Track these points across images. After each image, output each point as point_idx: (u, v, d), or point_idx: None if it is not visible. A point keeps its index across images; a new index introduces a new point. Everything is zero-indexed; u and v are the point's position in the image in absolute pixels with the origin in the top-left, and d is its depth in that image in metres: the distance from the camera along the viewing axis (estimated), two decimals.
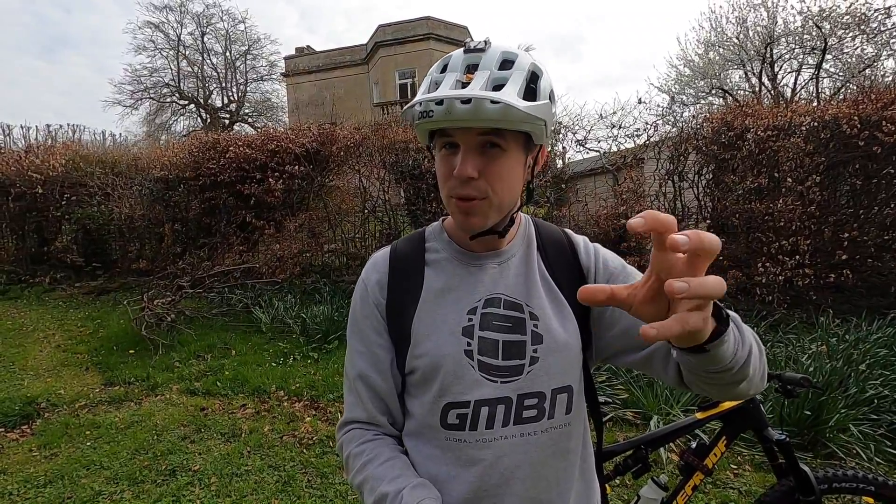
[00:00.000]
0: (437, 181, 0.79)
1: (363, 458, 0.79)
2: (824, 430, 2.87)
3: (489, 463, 0.76)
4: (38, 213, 8.41)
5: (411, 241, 0.89)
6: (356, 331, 0.85)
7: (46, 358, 4.88)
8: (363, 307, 0.85)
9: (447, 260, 0.84)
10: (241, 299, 6.10)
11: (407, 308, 0.81)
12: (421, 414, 0.81)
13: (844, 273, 4.83)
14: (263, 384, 3.94)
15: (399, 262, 0.85)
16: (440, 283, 0.82)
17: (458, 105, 0.65)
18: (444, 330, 0.79)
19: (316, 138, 6.99)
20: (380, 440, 0.82)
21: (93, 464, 2.90)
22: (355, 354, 0.85)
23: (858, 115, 4.87)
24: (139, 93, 25.13)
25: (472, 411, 0.77)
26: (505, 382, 0.77)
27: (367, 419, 0.84)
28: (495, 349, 0.78)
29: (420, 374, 0.80)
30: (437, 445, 0.79)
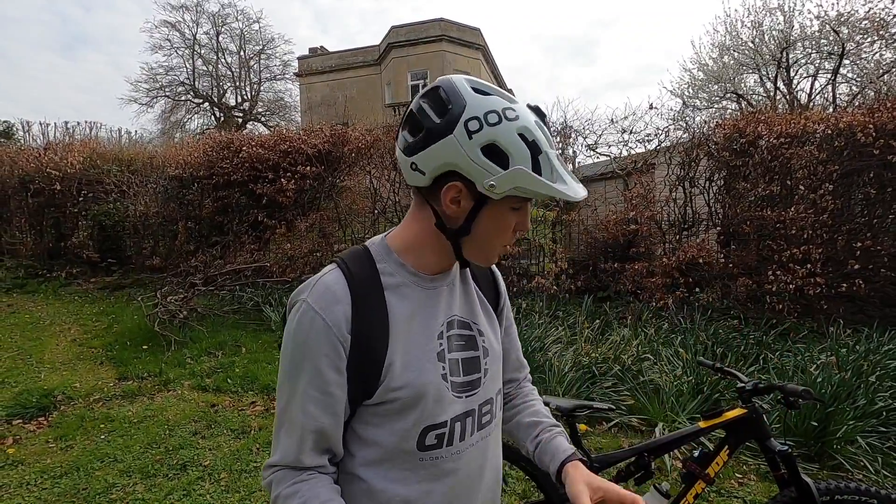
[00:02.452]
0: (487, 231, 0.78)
1: (296, 500, 0.73)
2: (831, 441, 2.86)
3: (462, 471, 0.82)
4: (55, 209, 8.59)
5: (361, 264, 0.80)
6: (309, 371, 0.74)
7: (63, 351, 5.00)
8: (322, 344, 0.74)
9: (405, 285, 0.81)
10: (251, 298, 6.18)
11: (377, 341, 0.76)
12: (392, 442, 0.78)
13: (857, 283, 4.79)
14: (273, 382, 4.00)
15: (359, 289, 0.77)
16: (406, 311, 0.79)
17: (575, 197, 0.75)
18: (422, 358, 0.79)
19: (328, 139, 7.07)
20: (314, 480, 0.76)
21: (107, 456, 2.98)
22: (307, 400, 0.74)
23: (874, 124, 4.82)
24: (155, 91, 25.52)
25: (449, 429, 0.80)
26: (469, 396, 0.84)
27: (301, 464, 0.76)
28: (458, 368, 0.83)
29: (398, 404, 0.77)
30: (408, 468, 0.79)
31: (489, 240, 0.79)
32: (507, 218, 0.78)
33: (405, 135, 0.76)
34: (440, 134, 0.71)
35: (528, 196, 0.74)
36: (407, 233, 0.83)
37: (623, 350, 3.90)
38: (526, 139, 0.71)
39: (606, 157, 6.64)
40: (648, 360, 3.80)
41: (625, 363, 3.73)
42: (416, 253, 0.82)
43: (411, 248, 0.82)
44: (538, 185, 0.71)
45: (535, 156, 0.72)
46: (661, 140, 6.17)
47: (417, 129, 0.74)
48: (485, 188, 0.72)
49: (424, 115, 0.73)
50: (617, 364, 3.69)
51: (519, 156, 0.71)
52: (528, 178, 0.71)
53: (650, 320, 4.90)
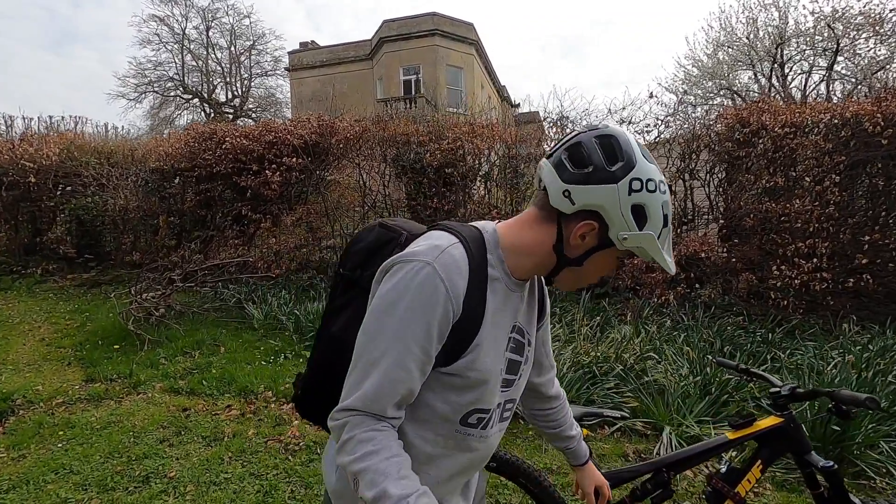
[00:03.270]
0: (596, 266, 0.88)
1: (368, 447, 0.77)
2: (851, 447, 2.66)
3: (480, 450, 0.94)
4: (31, 202, 8.23)
5: (478, 248, 0.85)
6: (420, 332, 0.77)
7: (29, 351, 4.69)
8: (439, 309, 0.77)
9: (499, 280, 0.86)
10: (234, 294, 5.90)
11: (474, 322, 0.82)
12: (442, 410, 0.86)
13: (864, 278, 4.61)
14: (251, 384, 3.73)
15: (475, 273, 0.82)
16: (496, 305, 0.86)
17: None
18: (497, 350, 0.88)
19: (315, 130, 6.78)
20: (388, 432, 0.79)
21: (62, 467, 2.70)
22: (409, 357, 0.77)
23: (882, 113, 4.64)
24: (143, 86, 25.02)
25: (489, 415, 0.91)
26: (504, 391, 0.93)
27: (379, 412, 0.79)
28: (506, 364, 0.92)
29: (467, 381, 0.84)
30: (443, 434, 0.88)
31: (588, 276, 0.89)
32: (612, 263, 0.89)
33: (565, 160, 0.82)
34: (606, 180, 0.79)
35: (642, 256, 0.84)
36: (519, 236, 0.88)
37: (625, 348, 3.68)
38: (664, 213, 0.82)
39: None
40: (652, 359, 3.58)
41: (627, 362, 3.51)
42: (518, 256, 0.87)
43: (516, 251, 0.87)
44: (656, 253, 0.83)
45: (663, 228, 0.83)
46: (660, 131, 5.96)
47: (582, 163, 0.81)
48: (617, 237, 0.82)
49: (594, 155, 0.80)
50: (619, 363, 3.47)
51: (655, 224, 0.82)
52: (653, 245, 0.82)
53: (651, 317, 4.69)
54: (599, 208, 0.79)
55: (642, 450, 2.88)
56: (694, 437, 2.87)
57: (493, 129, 6.57)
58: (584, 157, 0.80)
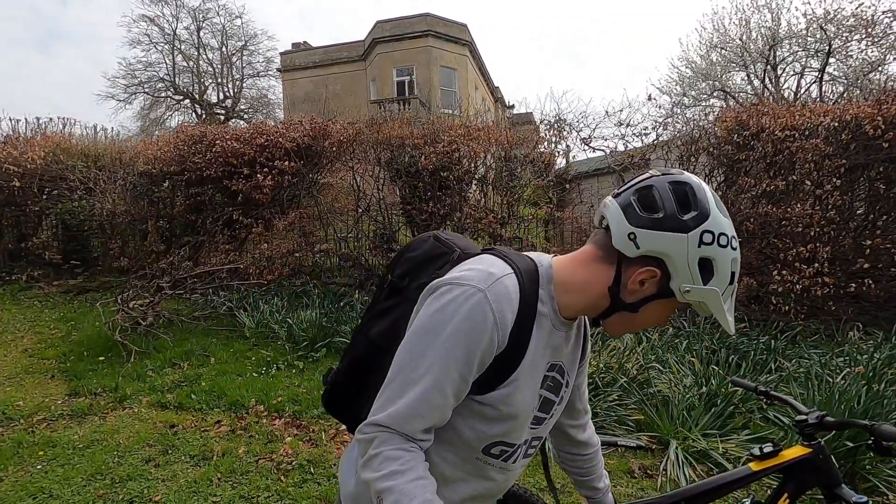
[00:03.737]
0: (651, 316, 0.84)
1: (395, 465, 0.75)
2: (862, 461, 2.58)
3: (497, 482, 0.92)
4: (15, 207, 8.02)
5: (531, 282, 0.83)
6: (462, 358, 0.76)
7: (10, 364, 4.53)
8: (485, 338, 0.76)
9: (547, 319, 0.84)
10: (224, 301, 5.76)
11: (515, 356, 0.81)
12: (467, 436, 0.85)
13: (866, 283, 4.55)
14: (242, 397, 3.60)
15: (524, 307, 0.80)
16: (539, 341, 0.84)
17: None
18: (533, 387, 0.86)
19: (308, 133, 6.65)
20: (416, 453, 0.79)
21: (41, 491, 2.57)
22: (448, 382, 0.76)
23: (882, 116, 4.59)
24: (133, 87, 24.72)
25: (513, 450, 0.89)
26: (532, 428, 0.91)
27: (409, 434, 0.78)
28: (539, 402, 0.90)
29: (496, 414, 0.83)
30: (463, 458, 0.87)
31: (640, 324, 0.86)
32: (667, 312, 0.85)
33: (635, 202, 0.79)
34: (676, 228, 0.77)
35: (701, 311, 0.81)
36: (573, 273, 0.85)
37: (627, 358, 3.59)
38: (732, 271, 0.80)
39: (602, 151, 6.35)
40: (655, 368, 3.49)
41: (630, 373, 3.42)
42: (569, 294, 0.84)
43: (568, 289, 0.84)
44: (717, 311, 0.80)
45: (729, 285, 0.80)
46: (658, 133, 5.90)
47: (651, 208, 0.78)
48: (679, 289, 0.79)
49: (666, 201, 0.78)
50: (622, 374, 3.38)
51: (722, 280, 0.79)
52: (716, 302, 0.79)
53: None
54: (665, 256, 0.77)
55: (648, 465, 2.79)
56: (701, 451, 2.79)
57: (489, 132, 6.48)
58: (655, 202, 0.78)
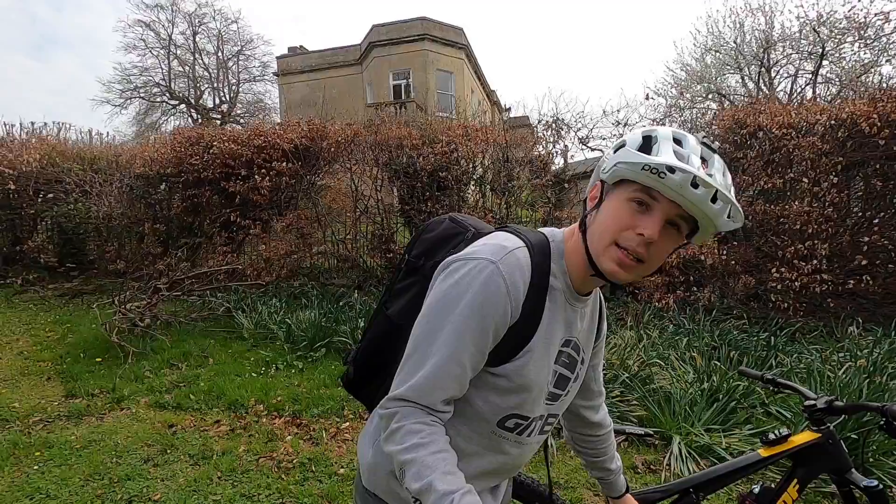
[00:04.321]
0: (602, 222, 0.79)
1: (416, 439, 0.77)
2: (866, 453, 2.57)
3: (512, 456, 0.92)
4: (10, 210, 7.96)
5: (543, 256, 0.84)
6: (477, 329, 0.77)
7: (6, 366, 4.47)
8: (499, 307, 0.77)
9: (559, 292, 0.85)
10: (222, 303, 5.72)
11: (528, 328, 0.82)
12: (483, 408, 0.86)
13: (864, 279, 4.57)
14: (241, 397, 3.57)
15: (536, 279, 0.81)
16: (553, 316, 0.84)
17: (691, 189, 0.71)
18: (546, 361, 0.86)
19: (306, 134, 6.64)
20: (437, 427, 0.80)
21: (38, 492, 2.53)
22: (465, 353, 0.78)
23: (878, 114, 4.63)
24: (129, 92, 24.66)
25: (528, 423, 0.89)
26: (548, 404, 0.91)
27: (429, 405, 0.80)
28: (553, 378, 0.90)
29: (511, 386, 0.84)
30: (478, 431, 0.87)
31: (600, 229, 0.79)
32: (622, 209, 0.77)
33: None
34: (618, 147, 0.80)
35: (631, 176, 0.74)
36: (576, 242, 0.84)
37: (628, 355, 3.58)
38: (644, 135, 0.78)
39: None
40: (656, 364, 3.49)
41: (631, 369, 3.41)
42: (576, 266, 0.85)
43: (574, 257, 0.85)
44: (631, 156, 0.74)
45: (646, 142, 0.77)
46: None
47: None
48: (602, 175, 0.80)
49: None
50: (623, 370, 3.37)
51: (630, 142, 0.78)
52: (627, 153, 0.75)
53: (652, 321, 4.61)
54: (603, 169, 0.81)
55: (651, 461, 2.78)
56: (703, 446, 2.78)
57: (487, 133, 6.49)
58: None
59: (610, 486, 1.20)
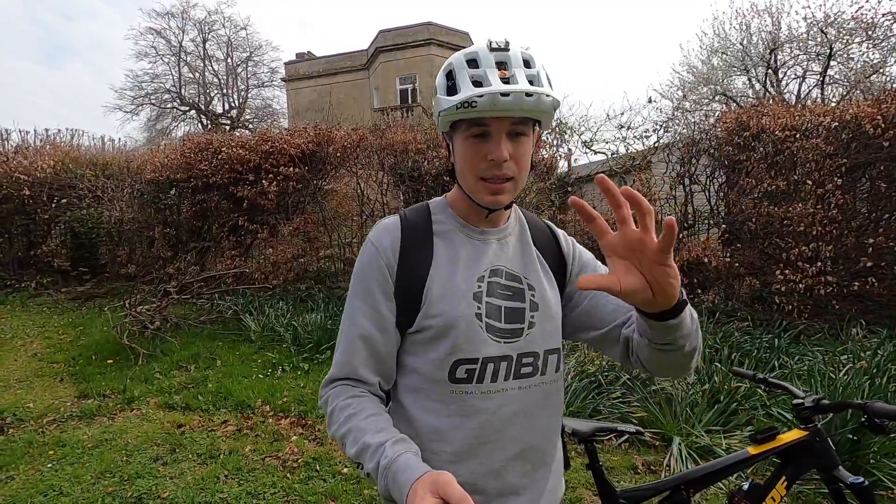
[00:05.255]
0: (460, 165, 0.86)
1: (348, 412, 0.81)
2: (866, 455, 2.58)
3: (491, 411, 0.84)
4: (25, 215, 8.14)
5: (418, 212, 0.93)
6: (362, 290, 0.86)
7: (20, 367, 4.58)
8: (371, 268, 0.86)
9: (454, 232, 0.90)
10: (231, 306, 5.81)
11: (419, 272, 0.85)
12: (427, 370, 0.85)
13: (869, 281, 4.55)
14: (248, 398, 3.64)
15: (410, 229, 0.89)
16: (450, 252, 0.88)
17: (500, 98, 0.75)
18: (457, 293, 0.85)
19: (312, 139, 6.74)
20: (366, 397, 0.84)
21: (51, 489, 2.61)
22: (358, 314, 0.86)
23: (882, 115, 4.61)
24: (140, 98, 25.02)
25: (480, 367, 0.84)
26: (507, 343, 0.86)
27: (358, 377, 0.86)
28: (499, 314, 0.86)
29: (432, 332, 0.84)
30: (439, 399, 0.85)
31: (462, 171, 0.86)
32: (466, 149, 0.83)
33: None
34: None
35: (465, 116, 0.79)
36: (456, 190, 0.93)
37: None
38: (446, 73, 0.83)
39: (603, 154, 6.40)
40: None
41: (632, 370, 3.43)
42: (461, 207, 0.92)
43: (458, 202, 0.92)
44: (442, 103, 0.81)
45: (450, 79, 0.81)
46: (659, 136, 5.93)
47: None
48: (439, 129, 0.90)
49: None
50: (624, 372, 3.39)
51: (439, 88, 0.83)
52: (439, 101, 0.82)
53: None
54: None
55: (651, 461, 2.80)
56: (704, 447, 2.79)
57: None
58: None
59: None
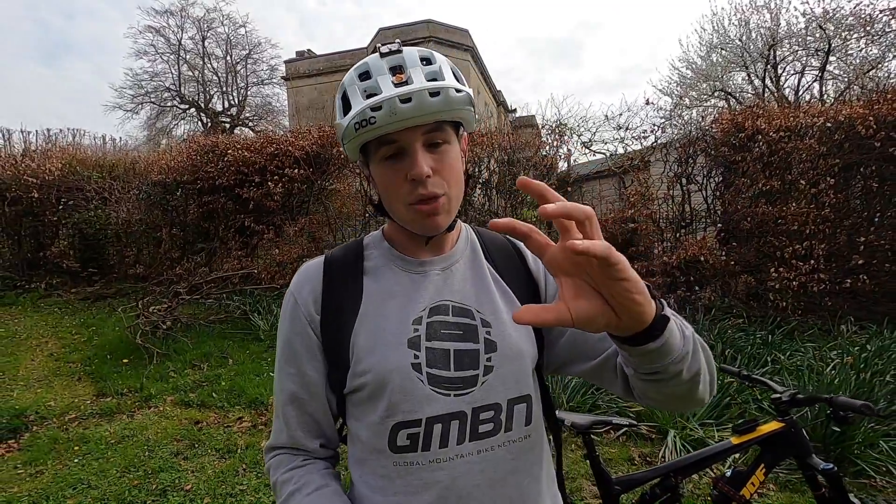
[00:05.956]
0: (383, 195, 0.74)
1: (290, 486, 0.74)
2: (851, 446, 2.72)
3: (444, 485, 0.70)
4: (34, 217, 8.28)
5: (347, 249, 0.83)
6: (285, 350, 0.78)
7: (38, 367, 4.74)
8: (293, 323, 0.77)
9: (386, 267, 0.79)
10: (239, 306, 5.96)
11: (345, 322, 0.74)
12: (367, 437, 0.73)
13: (861, 278, 4.68)
14: (261, 395, 3.79)
15: (334, 271, 0.78)
16: (380, 292, 0.76)
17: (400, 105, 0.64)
18: (387, 342, 0.72)
19: (316, 141, 6.87)
20: (309, 465, 0.77)
21: (80, 482, 2.76)
22: (284, 376, 0.78)
23: (874, 116, 4.73)
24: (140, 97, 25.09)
25: (424, 430, 0.70)
26: (458, 395, 0.71)
27: (293, 444, 0.78)
28: (446, 359, 0.72)
29: (365, 392, 0.72)
30: (383, 474, 0.72)
31: (387, 201, 0.75)
32: (383, 173, 0.72)
33: None
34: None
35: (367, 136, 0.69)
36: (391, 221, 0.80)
37: None
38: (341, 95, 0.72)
39: (602, 154, 6.52)
40: None
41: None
42: (397, 238, 0.81)
43: (395, 233, 0.81)
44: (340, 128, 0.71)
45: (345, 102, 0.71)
46: (657, 136, 6.05)
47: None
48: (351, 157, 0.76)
49: None
50: None
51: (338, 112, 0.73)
52: (339, 127, 0.71)
53: None
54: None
55: (647, 453, 2.95)
56: (698, 440, 2.94)
57: (493, 137, 6.66)
58: None
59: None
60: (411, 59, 0.68)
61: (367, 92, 0.68)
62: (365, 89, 0.68)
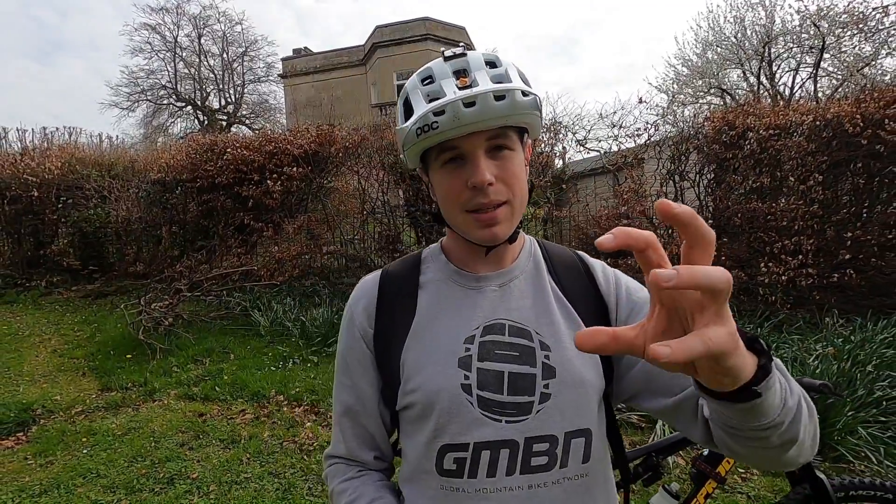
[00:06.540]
0: (442, 202, 0.72)
1: (346, 498, 0.75)
2: (832, 433, 2.83)
3: None
4: (34, 216, 8.34)
5: (405, 263, 0.82)
6: (342, 362, 0.80)
7: (42, 363, 4.82)
8: (348, 337, 0.78)
9: (442, 281, 0.77)
10: (239, 302, 6.04)
11: (396, 338, 0.74)
12: (415, 457, 0.72)
13: (848, 273, 4.80)
14: (262, 389, 3.88)
15: (390, 285, 0.78)
16: (433, 308, 0.75)
17: (464, 109, 0.63)
18: (436, 361, 0.70)
19: (314, 139, 6.94)
20: (364, 477, 0.78)
21: (89, 472, 2.85)
22: (341, 387, 0.80)
23: (861, 114, 4.84)
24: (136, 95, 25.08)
25: (472, 455, 0.67)
26: (511, 422, 0.67)
27: (349, 455, 0.80)
28: (499, 382, 0.68)
29: (414, 411, 0.71)
30: (431, 496, 0.70)
31: (445, 208, 0.73)
32: (444, 180, 0.71)
33: None
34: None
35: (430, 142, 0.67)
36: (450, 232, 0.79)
37: None
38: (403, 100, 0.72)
39: (596, 152, 6.62)
40: None
41: None
42: (455, 250, 0.79)
43: (453, 246, 0.79)
44: (401, 133, 0.70)
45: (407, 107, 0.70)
46: (650, 134, 6.15)
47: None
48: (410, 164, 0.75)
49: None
50: None
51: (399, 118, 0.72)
52: (400, 132, 0.70)
53: None
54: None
55: (638, 441, 3.06)
56: None
57: None
58: None
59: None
60: (476, 63, 0.67)
61: (430, 96, 0.66)
62: (428, 93, 0.67)
